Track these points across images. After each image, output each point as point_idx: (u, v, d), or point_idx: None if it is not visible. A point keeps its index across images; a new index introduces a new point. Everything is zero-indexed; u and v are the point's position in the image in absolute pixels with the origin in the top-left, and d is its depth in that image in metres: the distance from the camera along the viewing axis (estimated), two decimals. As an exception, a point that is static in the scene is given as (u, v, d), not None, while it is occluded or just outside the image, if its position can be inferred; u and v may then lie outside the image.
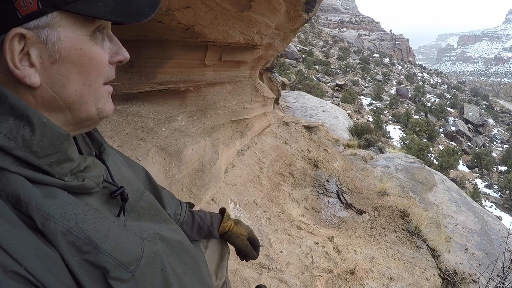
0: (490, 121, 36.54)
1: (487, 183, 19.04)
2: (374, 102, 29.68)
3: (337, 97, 24.44)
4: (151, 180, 0.85)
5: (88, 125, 0.54)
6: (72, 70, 0.48)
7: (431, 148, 18.85)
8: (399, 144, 17.61)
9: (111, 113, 0.57)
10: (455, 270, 2.79)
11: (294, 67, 26.07)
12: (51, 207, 0.44)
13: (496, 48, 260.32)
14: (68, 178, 0.48)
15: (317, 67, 34.08)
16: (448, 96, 47.25)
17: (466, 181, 16.88)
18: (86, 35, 0.48)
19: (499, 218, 9.57)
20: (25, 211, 0.42)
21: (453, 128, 26.73)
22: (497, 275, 2.61)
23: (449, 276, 2.66)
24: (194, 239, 0.95)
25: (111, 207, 0.56)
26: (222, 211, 1.07)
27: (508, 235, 2.96)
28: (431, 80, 60.71)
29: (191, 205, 1.03)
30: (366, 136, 7.28)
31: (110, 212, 0.55)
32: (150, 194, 0.71)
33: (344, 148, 5.67)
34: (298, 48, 35.78)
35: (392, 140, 18.89)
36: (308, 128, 5.86)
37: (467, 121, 29.41)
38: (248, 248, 1.03)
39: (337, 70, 37.95)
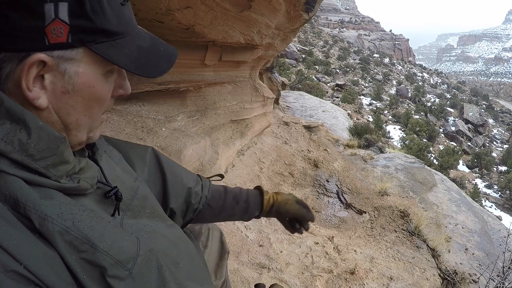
0: (490, 121, 36.56)
1: (487, 183, 19.05)
2: (374, 102, 29.68)
3: (337, 97, 24.44)
4: (161, 164, 0.82)
5: (76, 148, 0.55)
6: (79, 102, 0.50)
7: (431, 148, 18.86)
8: (399, 144, 17.60)
9: (97, 139, 0.60)
10: (455, 270, 2.79)
11: (294, 67, 26.07)
12: (48, 207, 0.45)
13: (496, 48, 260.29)
14: (64, 180, 0.49)
15: (317, 67, 34.08)
16: (448, 96, 47.25)
17: (466, 181, 16.89)
18: (101, 74, 0.50)
19: (499, 218, 9.56)
20: (23, 212, 0.43)
21: (453, 128, 26.73)
22: (497, 275, 2.61)
23: (449, 276, 2.66)
24: (227, 215, 0.91)
25: (106, 207, 0.57)
26: (258, 187, 1.00)
27: (508, 235, 2.95)
28: (431, 80, 60.71)
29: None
30: (366, 136, 7.28)
31: (105, 211, 0.56)
32: (144, 192, 0.70)
33: (344, 148, 5.67)
34: (298, 48, 35.79)
35: (392, 140, 18.89)
36: (308, 128, 5.86)
37: (467, 121, 29.40)
38: (302, 211, 0.96)
39: (337, 70, 37.95)
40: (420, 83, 49.45)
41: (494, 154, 24.04)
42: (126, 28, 0.50)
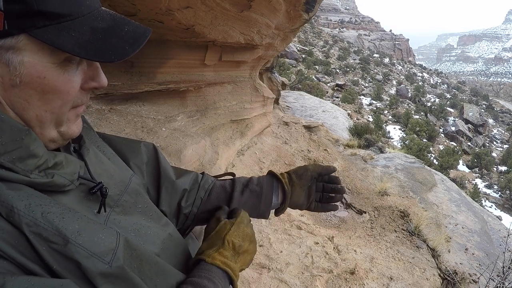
0: (490, 121, 36.58)
1: (487, 183, 19.06)
2: (374, 102, 29.70)
3: (337, 97, 24.46)
4: (160, 165, 0.80)
5: (51, 145, 0.52)
6: (33, 96, 0.46)
7: (431, 148, 18.88)
8: (399, 144, 17.61)
9: (78, 134, 0.55)
10: (455, 270, 2.79)
11: (294, 67, 26.07)
12: (15, 198, 0.43)
13: (496, 48, 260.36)
14: (35, 175, 0.46)
15: (317, 67, 34.10)
16: (448, 96, 47.29)
17: (466, 181, 16.90)
18: (53, 63, 0.45)
19: (499, 218, 9.57)
20: None
21: (453, 128, 26.74)
22: (497, 275, 2.61)
23: (449, 276, 2.66)
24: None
25: (91, 204, 0.55)
26: (270, 172, 0.94)
27: (508, 235, 2.95)
28: (431, 80, 60.75)
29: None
30: (366, 136, 7.29)
31: (90, 208, 0.54)
32: (137, 187, 0.68)
33: (344, 148, 5.67)
34: (298, 48, 35.78)
35: (392, 140, 18.90)
36: (308, 128, 5.86)
37: (467, 121, 29.41)
38: (319, 165, 0.92)
39: (337, 70, 37.96)
40: (420, 83, 49.47)
41: (494, 154, 24.04)
42: (74, 9, 0.45)
